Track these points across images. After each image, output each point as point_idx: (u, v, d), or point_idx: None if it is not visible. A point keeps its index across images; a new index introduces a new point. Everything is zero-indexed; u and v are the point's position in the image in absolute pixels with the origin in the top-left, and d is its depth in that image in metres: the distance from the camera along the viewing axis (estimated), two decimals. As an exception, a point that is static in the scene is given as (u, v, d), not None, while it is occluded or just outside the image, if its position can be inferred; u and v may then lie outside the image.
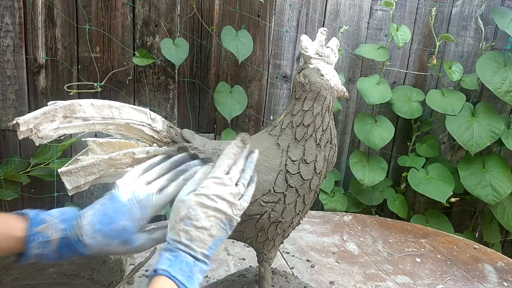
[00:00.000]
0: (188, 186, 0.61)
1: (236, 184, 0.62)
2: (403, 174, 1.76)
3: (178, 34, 1.53)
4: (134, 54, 1.50)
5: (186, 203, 0.58)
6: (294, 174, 0.72)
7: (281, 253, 1.20)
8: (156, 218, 1.02)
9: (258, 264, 0.81)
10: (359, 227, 1.43)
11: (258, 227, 0.73)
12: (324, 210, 1.65)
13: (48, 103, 0.63)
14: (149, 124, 0.70)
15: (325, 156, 0.75)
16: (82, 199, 1.58)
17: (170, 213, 0.60)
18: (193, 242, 0.56)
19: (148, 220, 0.61)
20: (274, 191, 0.71)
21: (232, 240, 1.03)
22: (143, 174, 0.64)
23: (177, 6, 1.52)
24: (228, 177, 0.61)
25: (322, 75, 0.75)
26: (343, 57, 1.72)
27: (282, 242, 0.81)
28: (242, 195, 0.62)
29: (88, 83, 1.48)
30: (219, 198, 0.59)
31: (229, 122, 1.60)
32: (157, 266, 0.54)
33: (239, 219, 0.61)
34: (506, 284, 1.14)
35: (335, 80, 0.77)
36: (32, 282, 0.77)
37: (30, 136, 0.61)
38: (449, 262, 1.23)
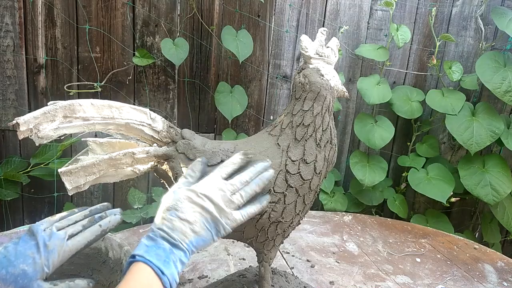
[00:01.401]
0: (180, 181, 0.63)
1: (234, 194, 0.61)
2: (403, 174, 1.76)
3: (178, 34, 1.53)
4: (134, 54, 1.50)
5: (175, 194, 0.59)
6: (294, 174, 0.72)
7: (281, 253, 1.20)
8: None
9: (258, 264, 0.81)
10: (359, 227, 1.43)
11: (258, 227, 0.73)
12: (324, 210, 1.65)
13: (48, 103, 0.63)
14: (149, 124, 0.70)
15: (325, 156, 0.75)
16: (82, 199, 1.58)
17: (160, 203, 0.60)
18: (174, 232, 0.56)
19: (55, 267, 0.56)
20: (274, 191, 0.71)
21: (232, 240, 1.03)
22: (59, 220, 0.60)
23: (177, 6, 1.52)
24: (225, 183, 0.62)
25: (322, 75, 0.75)
26: (343, 57, 1.72)
27: (282, 242, 0.81)
28: (239, 208, 0.62)
29: (88, 83, 1.48)
30: (207, 198, 0.59)
31: (229, 122, 1.60)
32: (135, 252, 0.54)
33: (228, 227, 0.60)
34: (506, 284, 1.14)
35: (335, 80, 0.77)
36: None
37: (30, 136, 0.61)
38: (449, 262, 1.23)
